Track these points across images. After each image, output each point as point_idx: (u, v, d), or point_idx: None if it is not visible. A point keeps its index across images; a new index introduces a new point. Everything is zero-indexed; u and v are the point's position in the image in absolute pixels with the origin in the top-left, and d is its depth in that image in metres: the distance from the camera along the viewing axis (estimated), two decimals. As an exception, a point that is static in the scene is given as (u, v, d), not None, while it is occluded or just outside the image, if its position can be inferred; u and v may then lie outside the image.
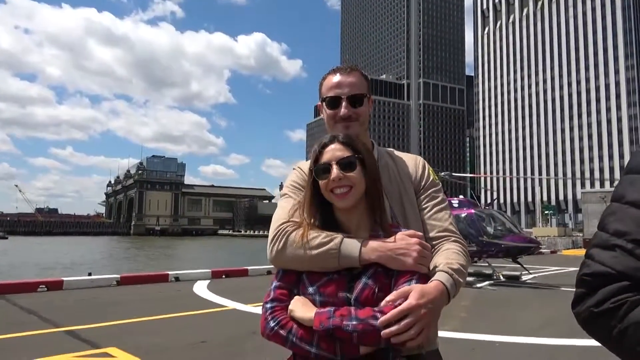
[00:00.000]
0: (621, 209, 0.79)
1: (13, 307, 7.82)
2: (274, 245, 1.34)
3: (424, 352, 1.40)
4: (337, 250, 1.24)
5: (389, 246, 1.24)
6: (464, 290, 11.04)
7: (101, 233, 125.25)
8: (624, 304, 0.73)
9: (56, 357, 4.85)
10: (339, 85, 1.52)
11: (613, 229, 0.79)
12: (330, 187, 1.29)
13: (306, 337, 1.15)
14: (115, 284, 10.76)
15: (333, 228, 1.32)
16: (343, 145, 1.32)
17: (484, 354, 5.29)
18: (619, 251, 0.76)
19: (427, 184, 1.57)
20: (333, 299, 1.21)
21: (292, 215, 1.39)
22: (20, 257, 38.45)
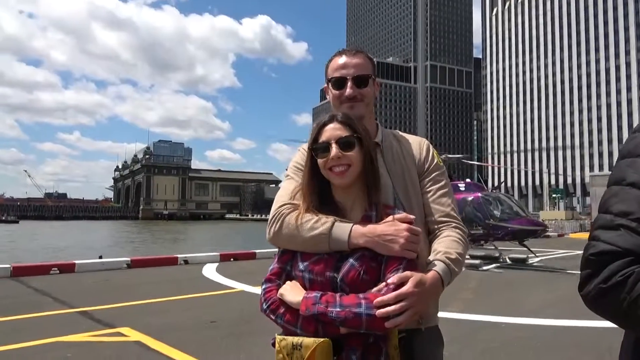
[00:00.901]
0: (623, 190, 0.83)
1: (27, 289, 8.00)
2: (271, 226, 1.41)
3: (423, 327, 1.47)
4: (328, 234, 1.29)
5: (377, 231, 1.27)
6: (470, 273, 11.12)
7: (110, 217, 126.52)
8: (631, 275, 0.75)
9: (72, 337, 5.00)
10: (345, 66, 1.55)
11: (617, 210, 0.82)
12: (329, 165, 1.33)
13: (292, 320, 1.23)
14: (125, 266, 10.95)
15: (330, 207, 1.36)
16: (342, 125, 1.36)
17: (489, 334, 5.36)
18: (623, 230, 0.79)
19: (431, 166, 1.59)
20: (321, 277, 1.27)
21: (293, 196, 1.44)
22: (32, 241, 39.02)
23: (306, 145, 1.58)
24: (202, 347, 4.56)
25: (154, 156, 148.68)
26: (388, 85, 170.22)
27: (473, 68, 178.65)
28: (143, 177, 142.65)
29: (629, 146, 0.89)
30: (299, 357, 1.16)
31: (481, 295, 7.96)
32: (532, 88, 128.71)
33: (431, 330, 1.52)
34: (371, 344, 1.24)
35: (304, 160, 1.50)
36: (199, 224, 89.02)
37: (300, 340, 1.18)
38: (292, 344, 1.18)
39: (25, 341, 4.78)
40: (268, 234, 1.42)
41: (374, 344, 1.24)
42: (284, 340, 1.20)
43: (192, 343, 4.73)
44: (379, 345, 1.26)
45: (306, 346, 1.16)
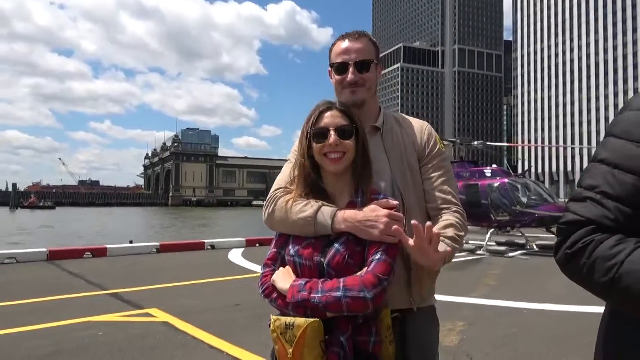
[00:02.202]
0: (594, 166, 0.90)
1: (62, 272, 8.37)
2: (265, 209, 1.48)
3: (415, 307, 1.51)
4: (313, 218, 1.35)
5: (358, 217, 1.32)
6: (495, 259, 11.01)
7: (140, 204, 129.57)
8: (591, 243, 0.83)
9: (103, 316, 5.24)
10: (347, 51, 1.57)
11: (586, 184, 0.89)
12: (325, 151, 1.37)
13: (283, 305, 1.31)
14: (155, 251, 11.29)
15: (320, 192, 1.41)
16: (341, 113, 1.40)
17: (511, 319, 5.35)
18: (589, 202, 0.86)
19: (432, 152, 1.61)
20: (309, 261, 1.33)
21: (291, 180, 1.49)
22: (67, 226, 40.46)
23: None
24: (226, 328, 4.72)
25: (182, 144, 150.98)
26: (414, 70, 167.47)
27: (503, 51, 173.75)
28: (172, 164, 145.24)
29: (610, 127, 0.93)
30: (291, 336, 1.22)
31: (505, 282, 7.90)
32: (564, 71, 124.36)
33: (425, 311, 1.57)
34: (361, 324, 1.29)
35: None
36: (226, 210, 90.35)
37: (293, 321, 1.24)
38: (285, 323, 1.25)
39: (60, 320, 5.04)
40: (263, 216, 1.49)
41: (364, 324, 1.30)
42: (278, 320, 1.27)
43: (216, 324, 4.89)
44: (370, 325, 1.31)
45: (298, 326, 1.22)
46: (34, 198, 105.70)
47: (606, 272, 0.79)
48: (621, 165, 0.85)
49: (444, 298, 6.40)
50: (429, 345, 1.57)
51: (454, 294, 6.66)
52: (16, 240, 26.37)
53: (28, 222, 47.25)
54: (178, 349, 4.20)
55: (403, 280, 1.50)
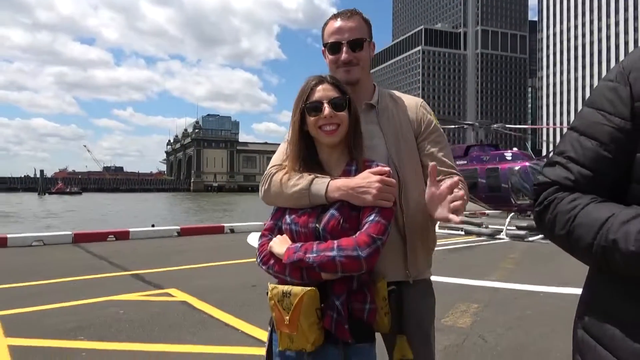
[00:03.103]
0: (567, 134, 0.96)
1: (87, 254, 8.64)
2: (262, 185, 1.52)
3: (411, 280, 1.54)
4: (308, 190, 1.38)
5: (351, 184, 1.35)
6: (515, 243, 10.92)
7: (163, 190, 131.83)
8: (554, 200, 0.91)
9: (126, 295, 5.42)
10: (340, 30, 1.58)
11: (557, 150, 0.96)
12: (320, 124, 1.39)
13: (280, 270, 1.35)
14: (176, 234, 11.54)
15: (314, 165, 1.44)
16: (332, 86, 1.42)
17: (526, 302, 5.33)
18: (557, 166, 0.94)
19: (428, 128, 1.63)
20: (305, 228, 1.37)
21: (285, 158, 1.52)
22: (92, 210, 41.50)
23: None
24: (242, 308, 4.83)
25: (203, 130, 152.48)
26: (436, 52, 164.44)
27: (528, 32, 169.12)
28: (193, 150, 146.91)
29: (589, 97, 0.98)
30: (288, 304, 1.27)
31: (523, 265, 7.85)
32: (591, 51, 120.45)
33: (421, 283, 1.60)
34: (355, 290, 1.33)
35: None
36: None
37: (290, 289, 1.28)
38: (282, 291, 1.29)
39: (84, 299, 5.24)
40: (260, 193, 1.53)
41: (358, 290, 1.34)
42: (275, 289, 1.32)
43: (233, 304, 5.01)
44: (364, 292, 1.35)
45: (295, 294, 1.27)
46: (61, 184, 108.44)
47: (564, 225, 0.87)
48: (586, 132, 0.92)
49: (459, 281, 6.42)
50: (424, 318, 1.60)
51: (470, 277, 6.66)
52: (45, 224, 27.23)
53: (56, 207, 48.60)
54: (196, 327, 4.33)
55: (399, 253, 1.53)
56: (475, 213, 16.76)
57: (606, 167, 0.88)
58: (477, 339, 4.03)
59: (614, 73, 0.92)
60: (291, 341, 1.29)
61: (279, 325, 1.31)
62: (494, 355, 3.66)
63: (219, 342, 3.87)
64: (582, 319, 0.94)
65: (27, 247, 9.37)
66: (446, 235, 12.69)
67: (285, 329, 1.29)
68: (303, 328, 1.26)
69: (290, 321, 1.26)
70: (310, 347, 1.28)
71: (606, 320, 0.88)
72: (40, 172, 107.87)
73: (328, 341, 1.31)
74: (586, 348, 0.92)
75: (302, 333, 1.26)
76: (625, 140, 0.86)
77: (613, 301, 0.88)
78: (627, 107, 0.87)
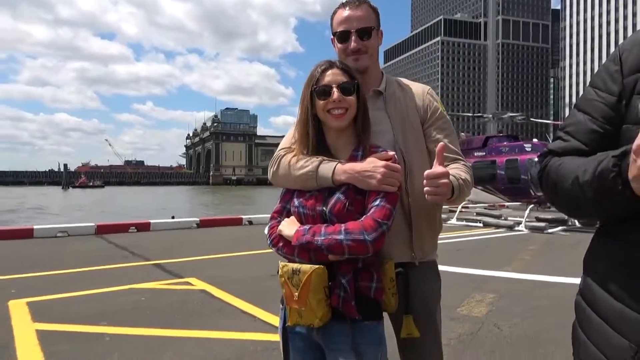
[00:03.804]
0: (572, 111, 1.03)
1: (109, 245, 8.86)
2: (271, 167, 1.57)
3: (416, 262, 1.59)
4: (315, 172, 1.42)
5: (357, 168, 1.39)
6: (534, 235, 10.81)
7: (183, 183, 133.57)
8: (547, 164, 1.01)
9: (147, 284, 5.57)
10: (348, 19, 1.62)
11: (561, 126, 1.04)
12: (329, 108, 1.43)
13: (289, 252, 1.40)
14: (195, 226, 11.74)
15: (322, 149, 1.48)
16: (342, 71, 1.46)
17: (543, 292, 5.30)
18: (559, 140, 1.03)
19: (434, 114, 1.67)
20: (312, 211, 1.41)
21: (294, 141, 1.57)
22: (115, 203, 42.32)
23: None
24: (260, 297, 4.91)
25: (221, 124, 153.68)
26: (455, 43, 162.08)
27: (551, 21, 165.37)
28: (212, 144, 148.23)
29: (592, 78, 1.04)
30: (297, 281, 1.32)
31: (541, 257, 7.78)
32: (616, 40, 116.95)
33: (427, 265, 1.65)
34: (361, 269, 1.38)
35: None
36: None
37: (299, 267, 1.33)
38: (291, 269, 1.34)
39: (107, 287, 5.40)
40: (268, 175, 1.59)
41: (364, 270, 1.39)
42: (286, 267, 1.37)
43: (251, 293, 5.10)
44: (370, 272, 1.40)
45: (304, 272, 1.32)
46: (84, 178, 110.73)
47: (552, 181, 0.97)
48: (581, 107, 1.00)
49: (476, 272, 6.42)
50: (429, 298, 1.65)
51: (487, 267, 6.64)
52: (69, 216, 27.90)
53: (80, 200, 49.72)
54: (214, 314, 4.44)
55: (405, 235, 1.58)
56: (494, 205, 16.60)
57: (596, 139, 0.95)
58: (492, 328, 4.04)
59: (611, 54, 0.98)
60: (300, 316, 1.34)
61: (288, 301, 1.37)
62: (509, 344, 3.67)
63: (236, 329, 3.96)
64: (579, 286, 1.01)
65: (53, 238, 9.65)
66: (463, 227, 12.62)
67: (294, 305, 1.34)
68: (311, 304, 1.31)
69: (299, 297, 1.32)
70: (318, 322, 1.33)
71: (593, 281, 0.95)
72: (64, 166, 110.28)
73: (336, 318, 1.35)
74: (580, 311, 0.97)
75: (311, 309, 1.31)
76: (614, 114, 0.93)
77: (595, 263, 0.96)
78: (617, 84, 0.93)
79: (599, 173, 0.82)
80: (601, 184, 0.82)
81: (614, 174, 0.79)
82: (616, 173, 0.78)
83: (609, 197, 0.82)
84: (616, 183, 0.78)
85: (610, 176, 0.80)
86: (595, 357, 0.89)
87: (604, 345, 0.87)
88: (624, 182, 0.77)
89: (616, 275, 0.88)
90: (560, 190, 0.95)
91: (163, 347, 3.55)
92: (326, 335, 1.39)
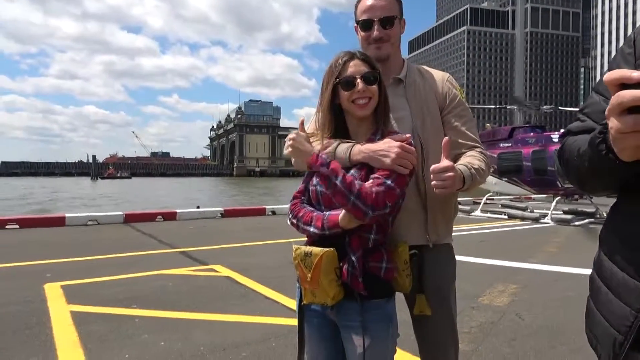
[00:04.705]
0: (590, 93, 1.07)
1: (137, 233, 9.13)
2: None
3: (430, 244, 1.63)
4: (333, 153, 1.48)
5: (372, 148, 1.43)
6: (560, 228, 10.63)
7: (207, 174, 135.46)
8: (564, 142, 1.05)
9: (174, 270, 5.74)
10: (371, 8, 1.66)
11: (581, 107, 1.08)
12: (353, 98, 1.48)
13: (307, 220, 1.46)
14: (219, 216, 11.98)
15: (341, 135, 1.53)
16: (363, 62, 1.50)
17: (567, 284, 5.25)
18: (577, 121, 1.06)
19: (453, 101, 1.70)
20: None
21: (316, 127, 1.62)
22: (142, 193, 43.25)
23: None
24: (282, 283, 5.02)
25: (245, 116, 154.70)
26: (482, 32, 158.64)
27: (582, 8, 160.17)
28: (236, 136, 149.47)
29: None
30: (309, 263, 1.39)
31: (567, 249, 7.68)
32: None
33: (441, 248, 1.70)
34: (371, 249, 1.44)
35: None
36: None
37: (311, 249, 1.40)
38: (304, 252, 1.42)
39: (136, 272, 5.60)
40: (292, 159, 1.64)
41: (374, 250, 1.44)
42: (299, 249, 1.44)
43: (273, 279, 5.21)
44: (381, 252, 1.45)
45: (315, 254, 1.38)
46: (112, 169, 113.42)
47: (565, 157, 1.01)
48: (597, 89, 1.03)
49: (499, 262, 6.39)
50: (443, 279, 1.70)
51: (510, 259, 6.60)
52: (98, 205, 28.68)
53: (108, 190, 50.94)
54: (238, 299, 4.56)
55: (420, 219, 1.64)
56: (520, 197, 16.33)
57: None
58: (513, 317, 4.04)
59: (627, 38, 1.01)
60: (314, 296, 1.42)
61: (302, 282, 1.45)
62: (530, 333, 3.67)
63: (260, 313, 4.08)
64: (594, 259, 1.04)
65: (83, 226, 10.00)
66: (488, 219, 12.50)
67: (307, 285, 1.42)
68: (323, 284, 1.38)
69: (312, 278, 1.39)
70: (331, 301, 1.40)
71: (603, 254, 0.98)
72: (92, 158, 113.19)
73: (348, 296, 1.42)
74: (592, 283, 1.01)
75: (323, 289, 1.39)
76: None
77: (606, 236, 1.00)
78: (630, 66, 0.95)
79: (590, 141, 0.86)
80: (592, 151, 0.85)
81: (599, 139, 0.83)
82: (601, 139, 0.82)
83: (598, 164, 0.85)
84: (601, 149, 0.82)
85: (596, 142, 0.83)
86: (601, 324, 0.93)
87: (608, 312, 0.91)
88: (608, 147, 0.80)
89: (621, 246, 0.92)
90: (569, 164, 0.99)
91: (191, 329, 3.68)
92: (339, 312, 1.46)
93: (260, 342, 3.43)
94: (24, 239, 8.36)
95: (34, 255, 6.53)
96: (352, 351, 1.44)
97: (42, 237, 8.54)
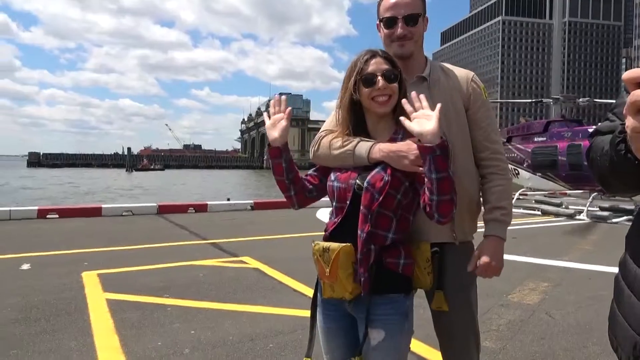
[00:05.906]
0: (621, 93, 1.06)
1: (169, 224, 9.37)
2: (312, 147, 1.67)
3: (457, 242, 1.64)
4: (352, 151, 1.50)
5: (392, 148, 1.45)
6: (595, 225, 10.34)
7: (238, 167, 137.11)
8: (592, 142, 1.04)
9: (205, 261, 5.89)
10: (395, 6, 1.66)
11: (611, 106, 1.08)
12: (374, 95, 1.50)
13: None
14: (249, 208, 12.15)
15: (362, 133, 1.56)
16: (384, 60, 1.52)
17: (600, 283, 5.11)
18: (607, 120, 1.06)
19: (477, 102, 1.70)
20: (344, 184, 1.50)
21: (336, 123, 1.65)
22: (175, 185, 44.28)
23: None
24: (309, 275, 5.02)
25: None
26: (517, 23, 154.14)
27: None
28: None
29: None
30: (327, 258, 1.43)
31: (602, 247, 7.45)
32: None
33: (465, 245, 1.71)
34: (389, 246, 1.46)
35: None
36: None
37: (329, 245, 1.44)
38: (322, 247, 1.45)
39: (168, 262, 5.77)
40: (310, 154, 1.70)
41: (392, 246, 1.46)
42: (317, 245, 1.48)
43: (301, 272, 5.27)
44: (398, 249, 1.47)
45: (332, 249, 1.42)
46: (146, 162, 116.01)
47: (592, 156, 1.02)
48: (626, 88, 0.99)
49: (530, 260, 6.27)
50: (464, 277, 1.70)
51: (543, 256, 6.47)
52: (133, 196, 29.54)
53: (142, 182, 52.32)
54: (267, 291, 4.65)
55: None
56: (555, 193, 15.90)
57: None
58: (543, 315, 3.98)
59: None
60: (333, 290, 1.46)
61: (321, 276, 1.49)
62: (559, 331, 3.61)
63: (288, 305, 4.15)
64: (619, 261, 1.04)
65: (119, 217, 10.33)
66: (521, 215, 12.24)
67: (326, 280, 1.46)
68: (341, 279, 1.42)
69: (330, 273, 1.43)
70: (349, 295, 1.44)
71: (629, 256, 0.98)
72: (127, 150, 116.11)
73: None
74: (616, 285, 1.01)
75: (341, 283, 1.42)
76: None
77: (632, 238, 1.00)
78: None
79: (610, 141, 0.86)
80: (612, 151, 0.85)
81: (619, 139, 0.82)
82: (621, 139, 0.82)
83: (618, 164, 0.85)
84: (620, 148, 0.82)
85: (616, 141, 0.83)
86: (622, 326, 0.93)
87: (630, 315, 0.91)
88: (627, 147, 0.80)
89: None
90: (594, 164, 0.99)
91: (220, 319, 3.79)
92: (356, 306, 1.49)
93: (287, 333, 3.50)
94: (63, 228, 8.72)
95: (72, 244, 6.81)
96: (367, 344, 1.47)
97: (80, 226, 8.88)
